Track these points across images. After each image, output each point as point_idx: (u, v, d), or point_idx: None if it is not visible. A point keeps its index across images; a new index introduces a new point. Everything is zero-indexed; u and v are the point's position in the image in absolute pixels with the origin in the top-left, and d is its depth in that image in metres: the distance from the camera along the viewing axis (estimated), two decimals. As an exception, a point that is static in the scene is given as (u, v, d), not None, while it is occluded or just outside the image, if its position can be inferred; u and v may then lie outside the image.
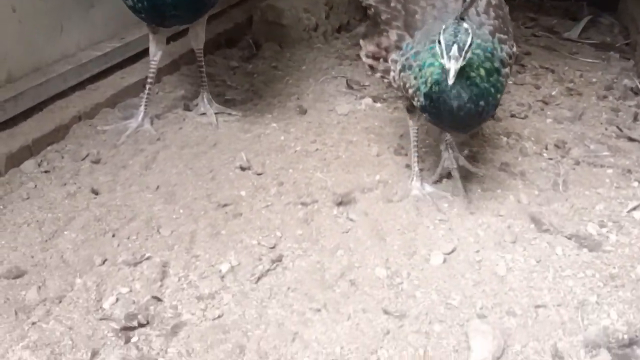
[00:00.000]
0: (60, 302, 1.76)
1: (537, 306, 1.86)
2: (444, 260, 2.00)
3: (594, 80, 3.64)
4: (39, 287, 1.80)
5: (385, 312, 1.78)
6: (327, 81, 3.32)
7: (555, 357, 1.70)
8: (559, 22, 4.57)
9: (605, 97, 3.42)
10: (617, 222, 2.27)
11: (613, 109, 3.27)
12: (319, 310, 1.77)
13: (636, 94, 3.51)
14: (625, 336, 1.77)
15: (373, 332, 1.71)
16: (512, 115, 3.06)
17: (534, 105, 3.20)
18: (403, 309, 1.79)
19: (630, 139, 2.92)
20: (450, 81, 1.84)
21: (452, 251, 2.05)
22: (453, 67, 1.83)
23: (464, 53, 1.85)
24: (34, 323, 1.68)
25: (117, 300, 1.78)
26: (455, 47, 1.83)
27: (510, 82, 3.47)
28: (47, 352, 1.60)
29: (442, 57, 1.85)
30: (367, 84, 3.29)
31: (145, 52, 3.06)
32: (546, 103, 3.26)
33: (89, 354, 1.60)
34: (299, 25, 3.85)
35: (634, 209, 2.36)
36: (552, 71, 3.74)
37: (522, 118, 3.04)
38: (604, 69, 3.82)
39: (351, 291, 1.85)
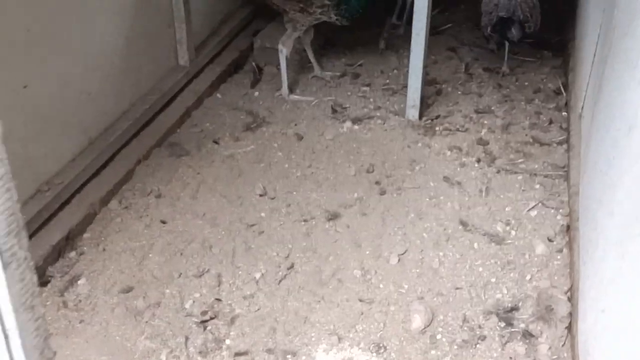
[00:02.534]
0: (159, 306, 2.85)
1: (457, 288, 2.95)
2: (399, 260, 3.08)
3: (526, 83, 4.60)
4: (144, 297, 2.88)
5: (360, 300, 2.87)
6: (316, 105, 4.30)
7: (464, 322, 2.80)
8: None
9: (532, 100, 4.40)
10: (518, 220, 3.33)
11: (536, 112, 4.26)
12: (319, 301, 2.86)
13: (558, 94, 4.49)
14: (509, 305, 2.87)
15: (353, 314, 2.81)
16: (457, 129, 4.06)
17: (475, 117, 4.19)
18: (371, 297, 2.88)
19: (542, 144, 3.94)
20: None
21: (405, 252, 3.12)
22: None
23: None
24: (146, 322, 2.78)
25: (194, 302, 2.87)
26: None
27: (459, 93, 4.47)
28: (159, 340, 2.70)
29: None
30: (347, 105, 4.28)
31: (171, 101, 4.09)
32: (485, 112, 4.25)
33: (184, 339, 2.70)
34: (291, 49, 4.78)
35: (532, 208, 3.41)
36: (497, 72, 4.70)
37: (464, 131, 4.04)
38: (537, 69, 4.77)
39: (339, 286, 2.94)
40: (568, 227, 3.24)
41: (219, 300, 2.89)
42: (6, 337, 1.34)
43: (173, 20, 4.18)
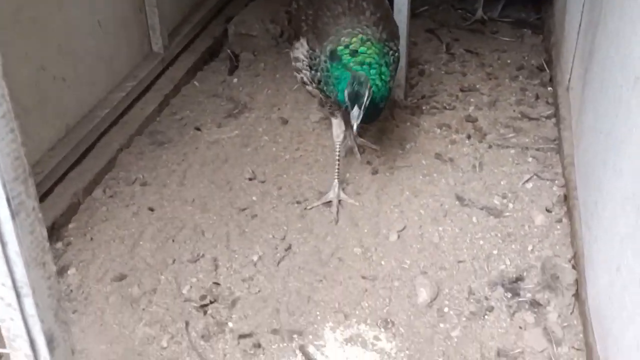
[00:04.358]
0: (155, 293, 2.72)
1: (459, 261, 2.89)
2: (398, 237, 3.00)
3: (509, 61, 4.58)
4: (138, 285, 2.75)
5: (363, 277, 2.79)
6: (299, 88, 4.20)
7: (470, 294, 2.74)
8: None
9: (516, 77, 4.38)
10: (514, 193, 3.29)
11: (522, 89, 4.25)
12: (321, 280, 2.77)
13: (541, 70, 4.49)
14: (514, 275, 2.82)
15: (357, 291, 2.73)
16: (444, 108, 4.00)
17: (460, 95, 4.15)
18: (374, 274, 2.80)
19: (530, 119, 3.92)
20: (355, 130, 2.72)
21: (403, 229, 3.05)
22: (356, 123, 2.66)
23: (363, 109, 2.65)
24: (143, 309, 2.65)
25: (191, 287, 2.75)
26: (356, 109, 2.62)
27: (442, 72, 4.43)
28: (158, 326, 2.57)
29: (349, 110, 2.66)
30: (330, 88, 4.20)
31: (148, 89, 3.95)
32: (470, 90, 4.22)
33: (184, 324, 2.58)
34: (267, 34, 4.69)
35: (527, 181, 3.38)
36: (477, 54, 4.67)
37: (451, 109, 3.99)
38: (518, 47, 4.76)
39: (340, 265, 2.85)
40: (565, 197, 3.21)
41: (217, 284, 2.77)
42: (18, 294, 1.21)
43: (144, 5, 4.04)
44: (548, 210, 3.16)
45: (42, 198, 3.06)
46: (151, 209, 3.18)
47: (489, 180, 3.38)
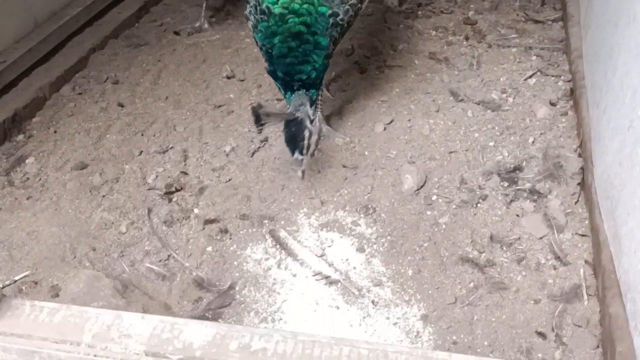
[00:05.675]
0: (117, 181, 2.51)
1: (451, 152, 2.64)
2: (385, 129, 2.76)
3: (515, -31, 4.28)
4: (100, 174, 2.54)
5: (344, 166, 2.55)
6: (288, -3, 3.93)
7: (461, 183, 2.49)
8: None
9: (522, -17, 4.08)
10: (515, 89, 3.02)
11: (527, -4, 3.95)
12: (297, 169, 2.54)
13: (549, -22, 4.17)
14: (512, 165, 2.57)
15: (336, 179, 2.49)
16: (441, 12, 3.73)
17: (459, 1, 3.86)
18: (356, 163, 2.57)
19: (536, 22, 3.63)
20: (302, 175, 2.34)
21: (391, 122, 2.80)
22: (301, 170, 2.32)
23: (306, 153, 2.30)
24: (103, 196, 2.44)
25: (157, 176, 2.53)
26: (297, 155, 2.28)
27: (441, -19, 4.13)
28: (118, 212, 2.36)
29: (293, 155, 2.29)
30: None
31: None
32: (470, -3, 3.93)
33: (146, 211, 2.37)
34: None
35: (530, 77, 3.11)
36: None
37: (449, 13, 3.71)
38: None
39: (319, 155, 2.61)
40: (572, 92, 2.94)
41: (185, 173, 2.55)
42: None
43: None
44: (552, 104, 2.89)
45: (5, 90, 2.88)
46: (121, 105, 2.96)
47: (487, 77, 3.11)
